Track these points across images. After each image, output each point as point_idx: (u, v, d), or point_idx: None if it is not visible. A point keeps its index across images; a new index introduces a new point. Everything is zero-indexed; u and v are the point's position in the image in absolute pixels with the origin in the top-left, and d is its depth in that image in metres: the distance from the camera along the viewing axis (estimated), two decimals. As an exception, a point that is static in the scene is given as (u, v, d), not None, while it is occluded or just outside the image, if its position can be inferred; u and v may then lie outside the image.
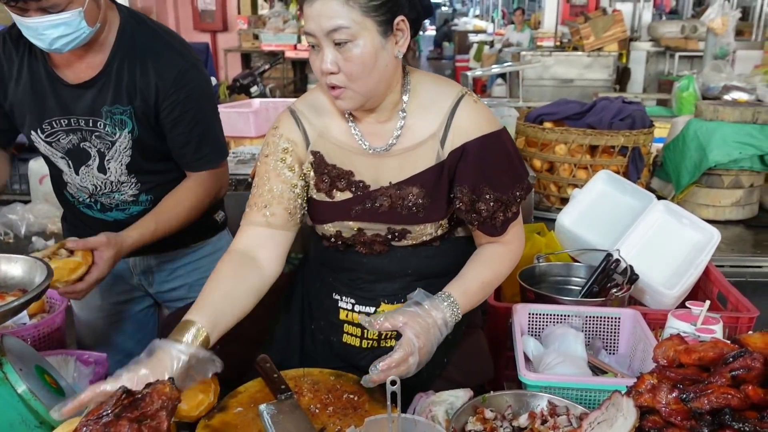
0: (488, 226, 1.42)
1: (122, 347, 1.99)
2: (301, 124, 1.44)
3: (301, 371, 1.41)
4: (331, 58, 1.28)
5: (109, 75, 1.64)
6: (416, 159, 1.41)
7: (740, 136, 2.72)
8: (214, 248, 1.99)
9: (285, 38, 8.48)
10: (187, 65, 1.67)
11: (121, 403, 0.92)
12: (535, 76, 7.44)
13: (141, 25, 1.69)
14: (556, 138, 2.79)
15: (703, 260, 1.91)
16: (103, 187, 1.76)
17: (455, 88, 1.44)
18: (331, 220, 1.45)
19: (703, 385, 1.06)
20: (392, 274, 1.48)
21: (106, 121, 1.66)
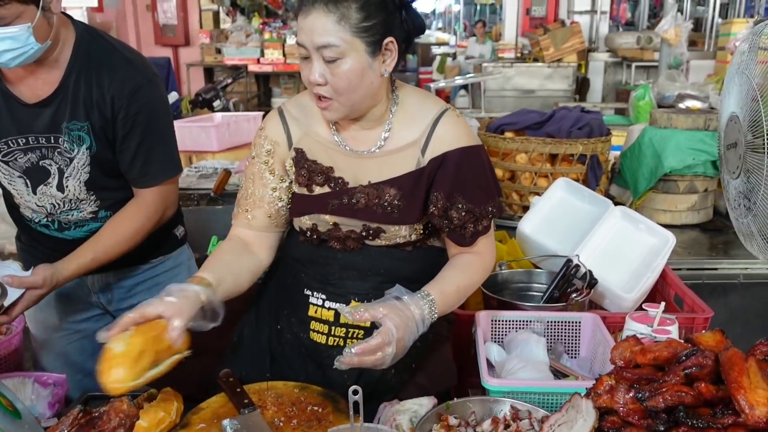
0: (458, 235, 1.48)
1: (83, 366, 1.94)
2: (286, 123, 1.51)
3: (265, 385, 1.40)
4: (319, 71, 1.33)
5: (66, 91, 1.62)
6: (396, 163, 1.47)
7: (693, 143, 2.80)
8: (174, 263, 1.97)
9: (248, 52, 8.46)
10: (143, 81, 1.66)
11: (78, 422, 0.91)
12: (497, 87, 7.55)
13: (96, 39, 1.67)
14: (516, 147, 2.83)
15: (660, 263, 1.96)
16: (62, 205, 1.73)
17: (440, 103, 1.52)
18: (308, 212, 1.50)
19: (658, 384, 1.09)
20: (364, 272, 1.51)
21: (65, 137, 1.64)
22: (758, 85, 1.24)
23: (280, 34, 8.89)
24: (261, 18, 9.48)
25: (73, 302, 1.92)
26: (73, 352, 1.95)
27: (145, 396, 1.34)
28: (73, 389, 1.85)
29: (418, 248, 1.53)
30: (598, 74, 8.12)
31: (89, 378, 1.93)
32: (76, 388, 1.87)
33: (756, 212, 1.28)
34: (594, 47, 8.52)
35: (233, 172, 2.88)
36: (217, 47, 8.65)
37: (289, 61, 8.40)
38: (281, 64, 8.47)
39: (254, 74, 8.73)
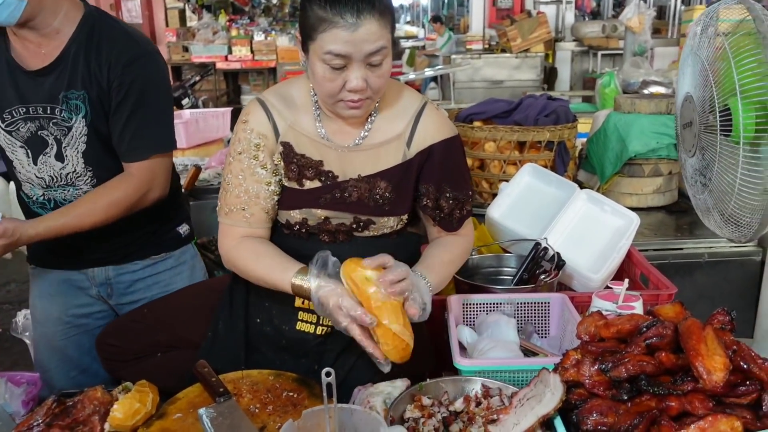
0: (446, 222, 1.56)
1: (79, 363, 1.93)
2: (271, 116, 1.48)
3: (240, 373, 1.42)
4: (363, 77, 1.34)
5: (66, 61, 1.66)
6: (382, 156, 1.49)
7: (656, 127, 2.86)
8: (177, 262, 1.95)
9: (215, 49, 8.40)
10: (141, 53, 1.69)
11: (52, 411, 0.91)
12: (467, 79, 7.60)
13: (102, 17, 1.73)
14: (485, 136, 2.87)
15: (625, 244, 2.00)
16: (59, 178, 1.74)
17: (418, 95, 1.57)
18: (299, 207, 1.49)
19: (621, 355, 1.13)
20: None
21: (62, 107, 1.67)
22: (710, 66, 1.28)
23: (248, 30, 8.85)
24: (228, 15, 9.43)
25: (75, 296, 1.91)
26: (70, 347, 1.94)
27: (120, 389, 1.34)
28: (65, 385, 1.84)
29: (399, 236, 1.57)
30: (566, 63, 8.22)
31: (83, 374, 1.93)
32: (70, 384, 1.87)
33: (712, 188, 1.33)
34: (560, 37, 8.61)
35: (203, 168, 2.88)
36: (184, 45, 8.57)
37: (257, 58, 8.37)
38: (249, 60, 8.43)
39: (222, 72, 8.68)
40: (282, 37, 8.59)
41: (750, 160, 1.26)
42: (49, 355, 1.96)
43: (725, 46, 1.26)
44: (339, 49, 1.30)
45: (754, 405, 1.06)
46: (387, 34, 1.34)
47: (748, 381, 1.07)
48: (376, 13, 1.30)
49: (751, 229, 1.29)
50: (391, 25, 1.36)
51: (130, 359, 1.63)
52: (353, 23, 1.29)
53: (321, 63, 1.33)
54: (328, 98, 1.39)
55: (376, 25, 1.31)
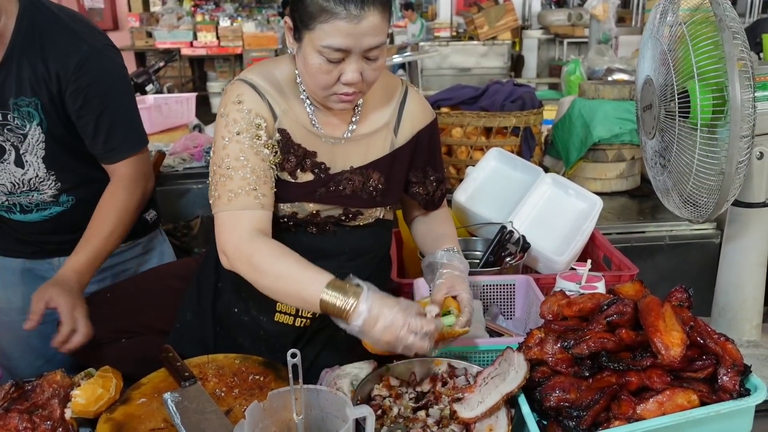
0: (430, 202, 1.62)
1: (44, 352, 1.88)
2: (265, 98, 1.38)
3: (206, 358, 1.41)
4: (359, 70, 1.30)
5: (10, 66, 1.56)
6: (372, 146, 1.48)
7: (620, 113, 2.90)
8: (145, 249, 1.92)
9: (180, 35, 8.27)
10: (90, 51, 1.59)
11: (10, 396, 0.90)
12: (434, 66, 7.62)
13: (41, 10, 1.60)
14: (452, 122, 2.88)
15: (589, 227, 2.04)
16: (22, 185, 1.68)
17: (397, 79, 1.56)
18: (292, 200, 1.43)
19: (582, 332, 1.15)
20: (330, 253, 1.50)
21: (14, 114, 1.59)
22: (669, 49, 1.30)
23: (213, 16, 8.71)
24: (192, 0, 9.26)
25: (39, 284, 1.84)
26: (34, 336, 1.88)
27: (83, 374, 1.33)
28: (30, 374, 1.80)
29: (378, 223, 1.56)
30: (532, 51, 8.29)
31: (49, 364, 1.89)
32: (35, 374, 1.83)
33: (671, 169, 1.35)
34: (527, 25, 8.68)
35: (168, 154, 2.84)
36: (148, 31, 8.42)
37: (223, 44, 8.25)
38: (215, 47, 8.32)
39: (188, 58, 8.55)
40: (248, 23, 8.48)
41: (707, 141, 1.28)
42: (12, 345, 1.92)
43: (683, 29, 1.28)
44: (339, 43, 1.25)
45: (710, 379, 1.09)
46: (386, 27, 1.31)
47: (705, 356, 1.10)
48: (379, 5, 1.26)
49: (708, 210, 1.32)
50: (389, 19, 1.32)
51: (95, 345, 1.60)
52: (356, 15, 1.23)
53: (317, 54, 1.27)
54: (320, 90, 1.33)
55: (378, 18, 1.26)
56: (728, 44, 1.19)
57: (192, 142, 2.87)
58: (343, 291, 1.22)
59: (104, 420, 1.18)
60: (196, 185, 2.71)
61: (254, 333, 1.55)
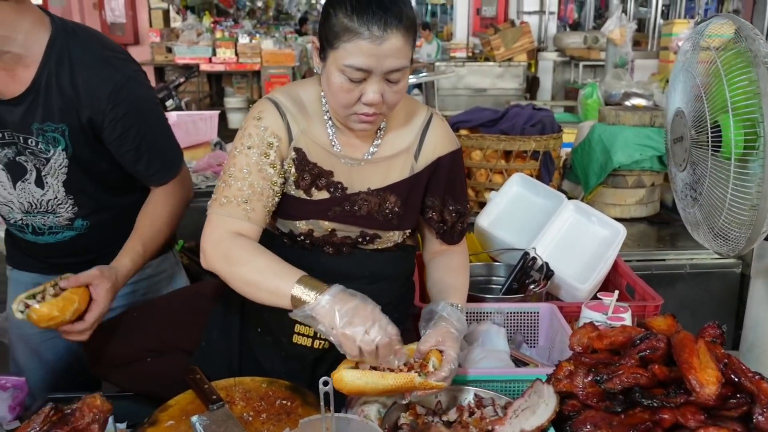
0: (448, 235, 1.58)
1: (56, 366, 1.90)
2: (285, 118, 1.43)
3: (233, 380, 1.41)
4: (380, 91, 1.31)
5: (38, 92, 1.56)
6: (391, 169, 1.49)
7: (640, 139, 2.90)
8: (155, 271, 1.91)
9: (199, 51, 8.35)
10: (122, 79, 1.59)
11: (50, 419, 0.90)
12: (450, 86, 7.65)
13: (73, 37, 1.61)
14: (471, 144, 2.89)
15: (612, 255, 2.03)
16: (39, 205, 1.69)
17: (423, 106, 1.56)
18: (305, 217, 1.46)
19: (615, 367, 1.14)
20: (349, 275, 1.50)
21: (38, 138, 1.59)
22: (701, 83, 1.31)
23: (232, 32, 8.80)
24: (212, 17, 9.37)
25: None
26: (46, 350, 1.89)
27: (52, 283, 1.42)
28: (42, 390, 1.81)
29: (398, 249, 1.56)
30: (548, 73, 8.31)
31: (61, 379, 1.90)
32: (47, 388, 1.84)
33: (702, 202, 1.35)
34: (543, 47, 8.71)
35: (191, 172, 2.86)
36: (168, 46, 8.51)
37: (241, 61, 8.33)
38: (233, 63, 8.39)
39: (206, 73, 8.62)
40: (266, 41, 8.56)
41: (739, 176, 1.28)
42: (26, 358, 1.92)
43: (717, 63, 1.28)
44: (361, 63, 1.27)
45: (744, 418, 1.08)
46: (409, 52, 1.32)
47: (739, 394, 1.09)
48: (402, 28, 1.28)
49: (740, 244, 1.32)
50: (413, 44, 1.34)
51: (119, 364, 1.61)
52: (379, 36, 1.26)
53: (339, 73, 1.30)
54: (341, 109, 1.36)
55: (401, 41, 1.28)
56: (764, 80, 1.19)
57: (215, 160, 2.89)
58: (312, 286, 1.27)
59: (133, 442, 1.19)
60: (219, 203, 2.72)
61: (276, 354, 1.55)
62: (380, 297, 1.54)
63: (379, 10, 1.26)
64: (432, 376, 1.26)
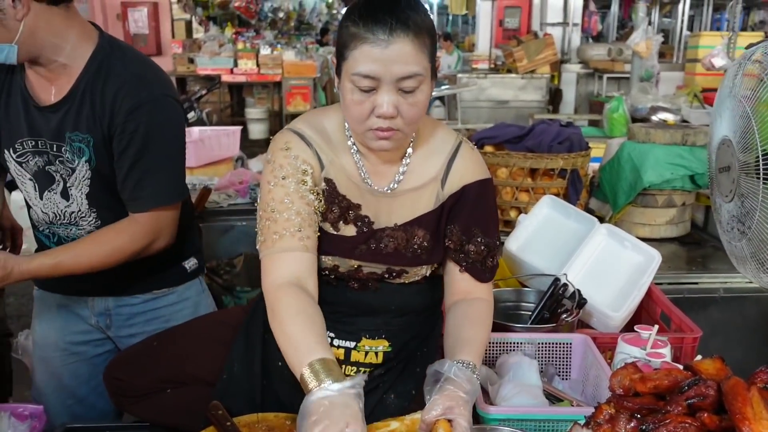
0: (477, 270, 1.44)
1: (75, 392, 1.87)
2: (312, 147, 1.38)
3: (255, 417, 1.36)
4: (394, 103, 1.25)
5: (73, 100, 1.59)
6: (418, 201, 1.42)
7: (671, 158, 2.83)
8: (179, 298, 1.88)
9: (221, 62, 8.39)
10: (148, 98, 1.59)
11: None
12: (472, 98, 7.60)
13: (115, 52, 1.63)
14: (497, 162, 2.83)
15: (646, 282, 1.96)
16: (63, 217, 1.69)
17: (454, 134, 1.49)
18: (332, 254, 1.40)
19: (661, 415, 1.08)
20: (375, 309, 1.45)
21: (67, 147, 1.62)
22: (752, 110, 1.24)
23: (254, 44, 8.84)
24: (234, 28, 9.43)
25: (75, 321, 1.85)
26: (67, 374, 1.87)
27: None
28: (61, 414, 1.79)
29: (427, 281, 1.49)
30: (571, 85, 8.23)
31: (80, 405, 1.88)
32: (65, 413, 1.81)
33: (750, 236, 1.28)
34: (566, 59, 8.63)
35: (213, 189, 2.83)
36: (190, 57, 8.56)
37: (263, 72, 8.35)
38: (255, 74, 8.42)
39: (227, 84, 8.66)
40: (288, 52, 8.58)
41: (791, 208, 1.21)
42: (46, 382, 1.90)
43: None
44: (368, 69, 1.22)
45: (801, 472, 1.01)
46: (423, 60, 1.25)
47: (796, 446, 1.01)
48: (410, 33, 1.22)
49: (792, 280, 1.25)
50: (429, 51, 1.27)
51: (139, 395, 1.57)
52: (384, 40, 1.21)
53: (350, 84, 1.25)
54: (356, 125, 1.31)
55: (409, 46, 1.22)
56: (819, 109, 1.13)
57: (237, 177, 2.86)
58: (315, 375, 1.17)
59: (153, 484, 1.14)
60: (241, 222, 2.70)
61: (296, 390, 1.49)
62: (408, 329, 1.49)
63: (385, 15, 1.22)
64: None
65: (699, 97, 5.39)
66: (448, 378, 1.22)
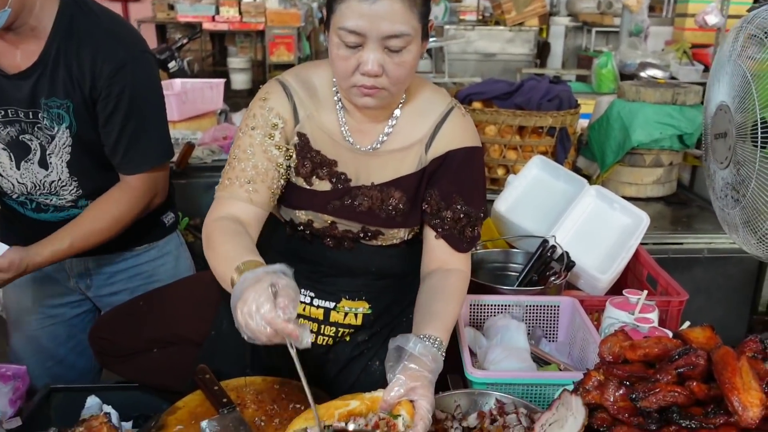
0: (455, 238, 1.40)
1: (54, 353, 1.86)
2: (292, 99, 1.37)
3: (243, 381, 1.35)
4: (379, 61, 1.22)
5: (46, 65, 1.51)
6: (400, 162, 1.39)
7: (661, 117, 2.81)
8: (160, 252, 1.86)
9: (202, 9, 8.11)
10: (128, 58, 1.54)
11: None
12: (459, 51, 7.46)
13: (82, 9, 1.55)
14: (485, 119, 2.79)
15: (634, 244, 1.96)
16: (41, 187, 1.63)
17: (446, 98, 1.44)
18: (305, 207, 1.40)
19: (651, 383, 1.08)
20: (355, 270, 1.45)
21: (44, 113, 1.54)
22: (752, 75, 1.21)
23: (236, -10, 8.54)
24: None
25: (50, 285, 1.82)
26: (45, 337, 1.85)
27: None
28: (41, 376, 1.77)
29: (408, 246, 1.48)
30: (559, 38, 8.10)
31: (59, 365, 1.86)
32: (45, 375, 1.79)
33: (744, 204, 1.27)
34: (555, 11, 8.47)
35: (196, 144, 2.77)
36: (170, 3, 8.27)
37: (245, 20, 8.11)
38: (237, 22, 8.16)
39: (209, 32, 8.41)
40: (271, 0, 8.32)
41: (787, 177, 1.20)
42: (24, 346, 1.88)
43: (769, 55, 1.19)
44: (353, 25, 1.19)
45: (786, 441, 1.02)
46: (413, 19, 1.21)
47: (782, 415, 1.02)
48: None
49: (784, 249, 1.25)
50: (420, 11, 1.23)
51: (125, 355, 1.55)
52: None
53: (336, 38, 1.22)
54: (341, 80, 1.28)
55: (398, 3, 1.18)
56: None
57: (221, 133, 2.79)
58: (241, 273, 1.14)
59: (141, 449, 1.14)
60: (225, 178, 2.64)
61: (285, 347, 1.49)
62: (387, 294, 1.48)
63: None
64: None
65: (688, 53, 5.35)
66: (412, 356, 1.17)
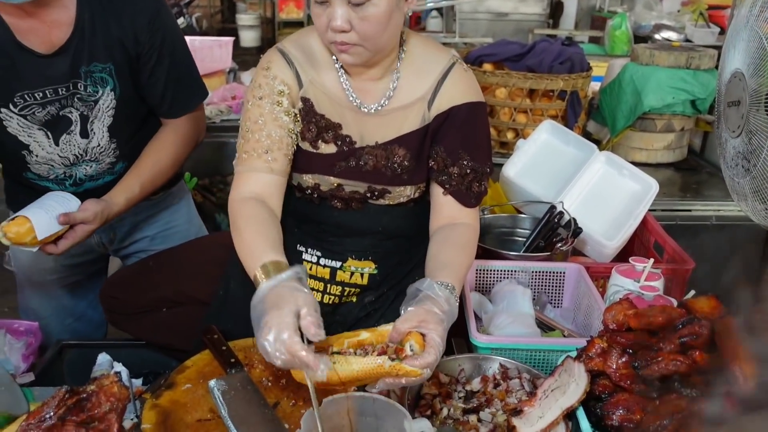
0: (462, 194, 1.40)
1: (73, 310, 1.91)
2: (293, 66, 1.38)
3: (251, 341, 1.36)
4: (344, 17, 1.21)
5: (82, 34, 1.51)
6: (403, 120, 1.39)
7: (674, 81, 2.76)
8: (174, 199, 1.93)
9: (210, -36, 7.99)
10: (157, 6, 1.58)
11: (65, 404, 0.86)
12: (470, 9, 7.31)
13: None
14: (496, 82, 2.76)
15: (642, 211, 1.95)
16: (84, 155, 1.65)
17: (447, 54, 1.43)
18: (312, 171, 1.41)
19: (653, 352, 1.09)
20: (362, 230, 1.46)
21: (86, 81, 1.54)
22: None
23: (244, -56, 8.39)
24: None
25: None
26: (65, 295, 1.89)
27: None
28: (60, 332, 1.81)
29: (416, 204, 1.48)
30: (573, -2, 7.92)
31: (79, 322, 1.91)
32: (65, 331, 1.83)
33: (755, 174, 1.26)
34: (569, -31, 8.28)
35: (205, 104, 2.75)
36: (177, -43, 8.13)
37: (254, -25, 7.98)
38: (246, -23, 8.04)
39: (217, -13, 8.29)
40: (280, -46, 8.16)
41: (799, 147, 1.19)
42: (44, 304, 1.91)
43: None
44: None
45: (786, 410, 1.04)
46: None
47: (783, 385, 1.03)
48: None
49: (793, 220, 1.24)
50: None
51: (134, 313, 1.58)
52: None
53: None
54: (322, 38, 1.31)
55: None
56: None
57: (230, 92, 2.77)
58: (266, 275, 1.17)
59: (150, 407, 1.16)
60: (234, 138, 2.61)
61: None
62: (394, 255, 1.49)
63: None
64: (409, 361, 1.07)
65: (704, 15, 5.23)
66: (427, 295, 1.18)
